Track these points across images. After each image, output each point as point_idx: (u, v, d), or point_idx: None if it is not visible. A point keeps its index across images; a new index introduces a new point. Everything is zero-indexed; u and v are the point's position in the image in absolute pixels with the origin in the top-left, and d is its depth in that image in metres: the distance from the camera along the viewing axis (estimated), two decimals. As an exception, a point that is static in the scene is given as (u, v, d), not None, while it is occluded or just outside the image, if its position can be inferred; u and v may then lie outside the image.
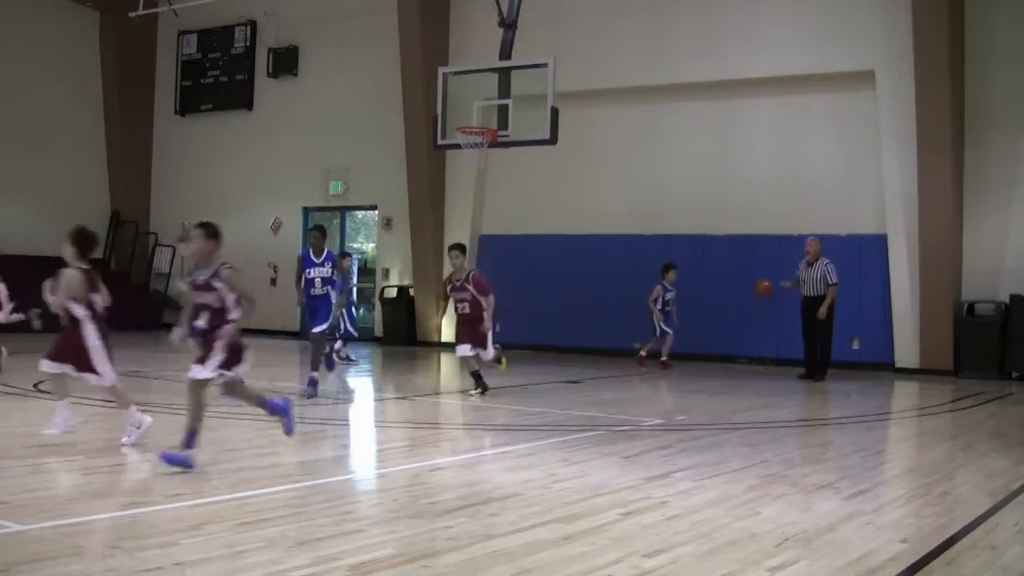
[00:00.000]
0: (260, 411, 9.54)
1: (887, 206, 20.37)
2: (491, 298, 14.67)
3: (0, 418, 11.37)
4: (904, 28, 19.85)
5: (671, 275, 19.87)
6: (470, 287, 14.62)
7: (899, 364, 20.15)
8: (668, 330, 19.93)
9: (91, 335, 9.61)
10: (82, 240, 9.85)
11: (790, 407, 15.01)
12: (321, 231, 15.32)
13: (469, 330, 14.66)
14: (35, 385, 13.94)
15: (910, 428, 13.68)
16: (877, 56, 20.35)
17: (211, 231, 8.91)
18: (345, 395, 15.50)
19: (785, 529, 6.75)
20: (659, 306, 19.78)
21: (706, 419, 12.92)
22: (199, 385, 8.57)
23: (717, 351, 21.54)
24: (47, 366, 9.74)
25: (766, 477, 8.64)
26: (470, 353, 14.68)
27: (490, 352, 14.84)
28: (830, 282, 18.27)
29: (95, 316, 9.69)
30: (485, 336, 14.72)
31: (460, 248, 15.22)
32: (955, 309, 19.82)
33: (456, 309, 14.88)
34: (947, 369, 19.60)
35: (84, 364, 9.61)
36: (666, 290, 19.80)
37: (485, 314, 14.62)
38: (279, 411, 9.46)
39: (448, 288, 14.93)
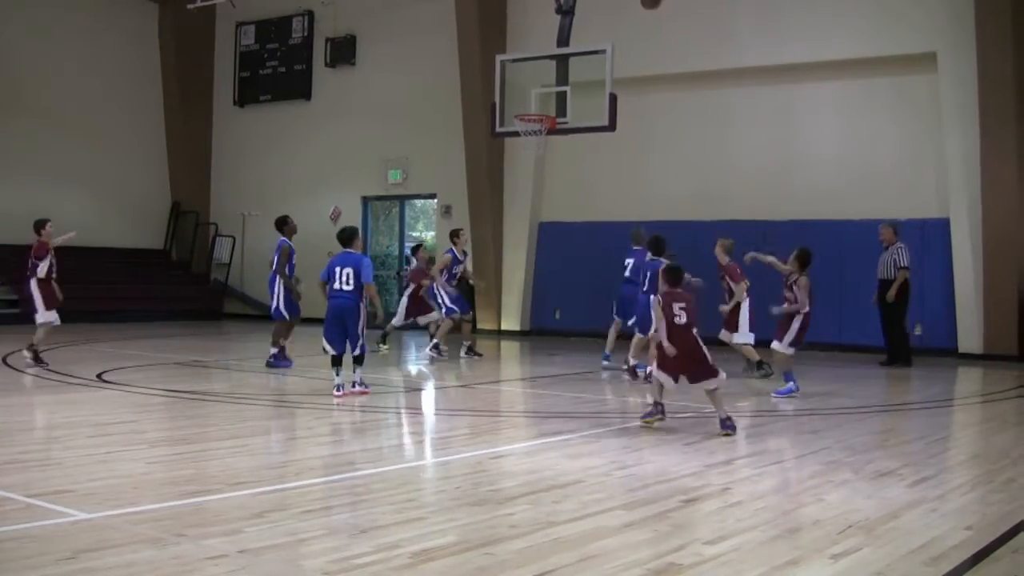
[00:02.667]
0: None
1: (950, 190, 20.15)
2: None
3: (65, 408, 11.51)
4: (966, 10, 19.61)
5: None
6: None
7: (962, 350, 19.92)
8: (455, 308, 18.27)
9: None
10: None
11: (852, 394, 14.89)
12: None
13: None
14: (99, 375, 14.12)
15: (974, 414, 13.55)
16: (939, 39, 20.11)
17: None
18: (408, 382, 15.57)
19: (848, 516, 6.71)
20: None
21: (767, 406, 12.86)
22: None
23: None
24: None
25: (829, 464, 8.58)
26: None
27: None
28: (899, 265, 18.06)
29: None
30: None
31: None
32: (1020, 294, 19.56)
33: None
34: (1011, 355, 19.34)
35: None
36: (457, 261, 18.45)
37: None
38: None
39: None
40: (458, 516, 6.67)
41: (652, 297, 14.74)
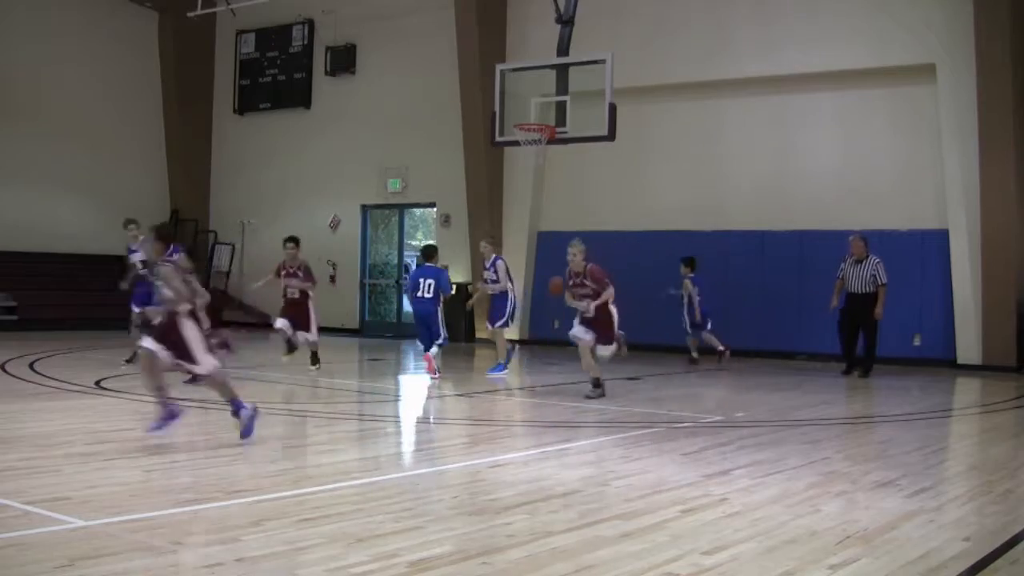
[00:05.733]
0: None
1: (948, 201, 20.15)
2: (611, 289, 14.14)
3: (63, 415, 11.49)
4: (965, 21, 19.63)
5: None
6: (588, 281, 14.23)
7: (961, 361, 19.91)
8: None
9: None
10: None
11: (850, 404, 14.88)
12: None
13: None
14: (97, 383, 14.11)
15: (972, 425, 13.54)
16: (938, 50, 20.12)
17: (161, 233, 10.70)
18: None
19: (846, 527, 6.70)
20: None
21: (765, 416, 12.85)
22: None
23: (777, 347, 21.38)
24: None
25: (826, 474, 8.58)
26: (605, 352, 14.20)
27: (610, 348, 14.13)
28: (880, 282, 17.91)
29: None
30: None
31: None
32: (1018, 305, 19.57)
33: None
34: (1010, 366, 19.34)
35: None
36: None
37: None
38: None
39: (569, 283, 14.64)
40: (456, 525, 6.65)
41: None
